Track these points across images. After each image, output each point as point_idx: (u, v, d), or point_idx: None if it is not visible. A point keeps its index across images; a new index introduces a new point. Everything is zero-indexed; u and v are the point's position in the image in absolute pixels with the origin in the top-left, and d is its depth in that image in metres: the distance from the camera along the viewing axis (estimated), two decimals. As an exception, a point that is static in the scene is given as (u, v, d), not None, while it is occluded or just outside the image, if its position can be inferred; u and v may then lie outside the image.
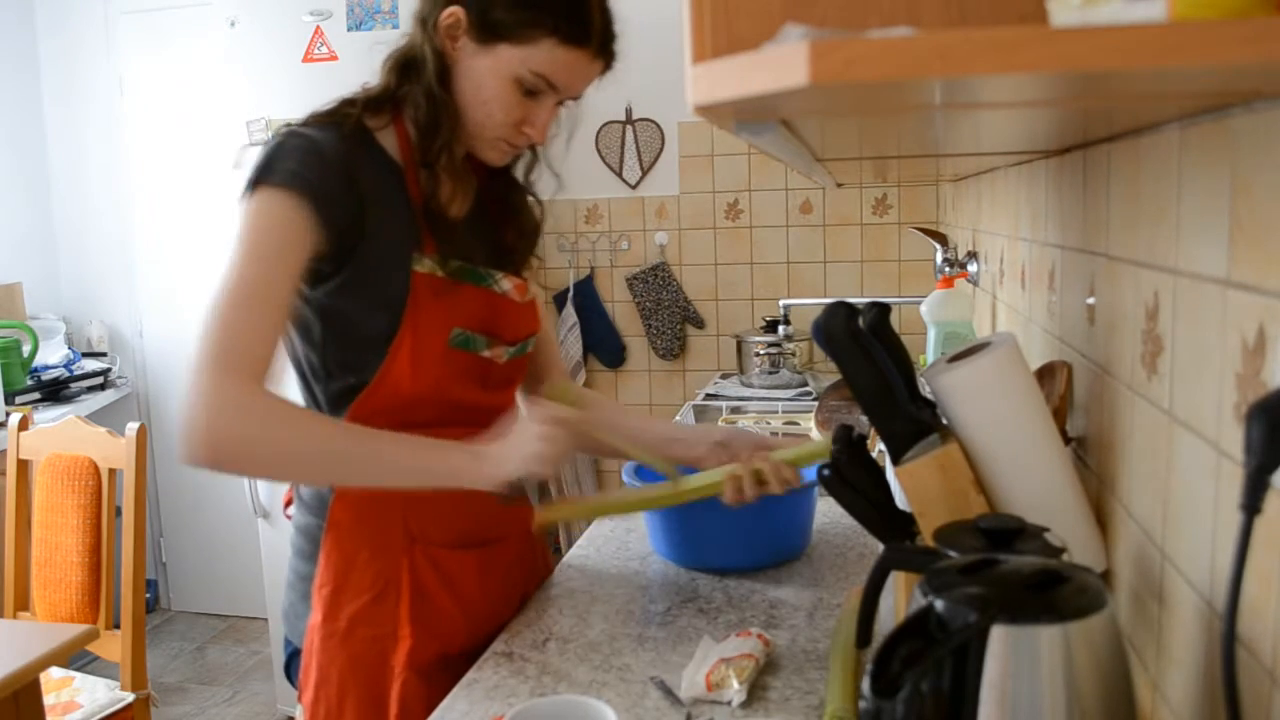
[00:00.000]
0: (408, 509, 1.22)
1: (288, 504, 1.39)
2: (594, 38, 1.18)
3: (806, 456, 1.31)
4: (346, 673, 1.20)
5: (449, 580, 1.24)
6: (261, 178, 1.13)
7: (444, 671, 1.20)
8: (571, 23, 1.16)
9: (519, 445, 1.12)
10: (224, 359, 1.06)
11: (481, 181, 1.34)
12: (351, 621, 1.21)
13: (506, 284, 1.29)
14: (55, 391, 3.36)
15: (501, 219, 1.35)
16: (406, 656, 1.19)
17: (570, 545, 3.22)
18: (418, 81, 1.20)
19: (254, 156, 1.16)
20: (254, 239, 1.11)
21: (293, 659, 1.31)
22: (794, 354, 2.88)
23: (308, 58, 2.85)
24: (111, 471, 2.23)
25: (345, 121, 1.20)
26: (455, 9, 1.17)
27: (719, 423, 2.48)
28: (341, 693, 1.21)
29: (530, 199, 1.38)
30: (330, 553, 1.23)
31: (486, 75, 1.18)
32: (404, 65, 1.22)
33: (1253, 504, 0.59)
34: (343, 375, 1.21)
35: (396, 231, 1.20)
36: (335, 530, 1.23)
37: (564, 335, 3.45)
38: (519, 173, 1.37)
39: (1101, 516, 1.05)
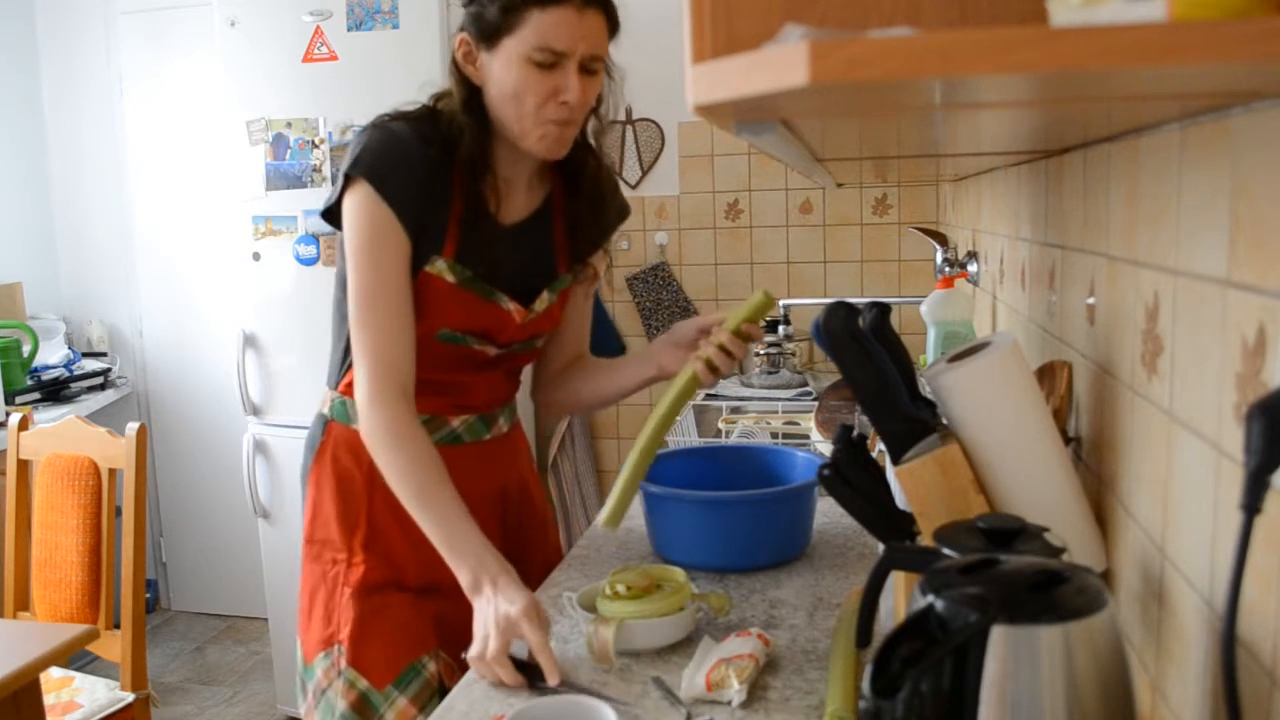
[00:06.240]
0: (373, 469, 1.37)
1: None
2: None
3: (756, 311, 1.31)
4: (317, 584, 1.45)
5: (401, 520, 1.36)
6: (349, 171, 1.31)
7: (398, 593, 1.41)
8: None
9: (500, 625, 1.17)
10: (380, 388, 1.30)
11: (559, 195, 1.47)
12: (321, 545, 1.46)
13: (510, 305, 1.41)
14: (55, 391, 3.35)
15: (572, 224, 1.48)
16: (358, 580, 1.41)
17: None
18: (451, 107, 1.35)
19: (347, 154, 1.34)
20: (358, 242, 1.32)
21: None
22: (794, 354, 2.88)
23: (308, 58, 2.85)
24: (111, 471, 2.23)
25: (423, 127, 1.34)
26: (460, 34, 1.33)
27: (719, 423, 2.49)
28: (311, 600, 1.45)
29: (607, 198, 1.51)
30: (310, 490, 1.49)
31: (502, 72, 1.29)
32: (445, 95, 1.38)
33: (1253, 504, 0.59)
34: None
35: (430, 228, 1.35)
36: (314, 473, 1.48)
37: (564, 335, 3.44)
38: (587, 180, 1.47)
39: (1101, 516, 1.05)
